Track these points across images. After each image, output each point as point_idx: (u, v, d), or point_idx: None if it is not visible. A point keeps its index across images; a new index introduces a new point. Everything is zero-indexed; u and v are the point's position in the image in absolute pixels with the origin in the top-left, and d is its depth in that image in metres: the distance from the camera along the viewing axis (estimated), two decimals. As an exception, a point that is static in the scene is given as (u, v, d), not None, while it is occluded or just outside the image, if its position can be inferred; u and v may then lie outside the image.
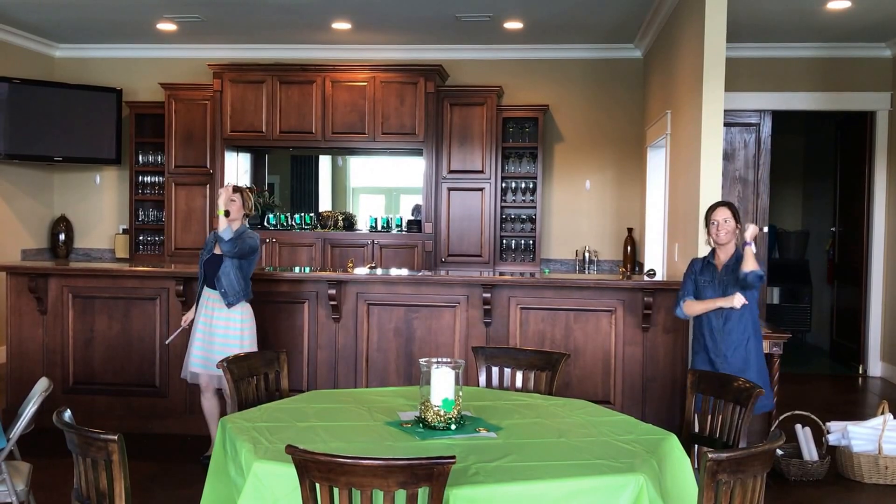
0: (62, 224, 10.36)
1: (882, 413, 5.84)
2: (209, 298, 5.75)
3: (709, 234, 5.13)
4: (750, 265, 4.87)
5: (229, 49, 10.12)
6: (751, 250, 4.89)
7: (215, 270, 5.68)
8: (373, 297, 6.60)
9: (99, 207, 10.52)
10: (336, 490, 2.66)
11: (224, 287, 5.65)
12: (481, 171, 9.52)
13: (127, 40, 10.03)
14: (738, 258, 5.04)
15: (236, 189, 5.81)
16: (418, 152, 9.55)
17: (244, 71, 9.58)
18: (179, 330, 6.16)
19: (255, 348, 5.72)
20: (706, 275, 5.11)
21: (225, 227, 5.60)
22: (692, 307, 5.11)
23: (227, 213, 5.63)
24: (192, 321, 5.88)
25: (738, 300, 4.92)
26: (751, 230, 4.93)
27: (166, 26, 9.20)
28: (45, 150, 9.67)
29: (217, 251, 5.74)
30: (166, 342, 6.45)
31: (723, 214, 5.07)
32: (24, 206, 9.95)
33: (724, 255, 5.11)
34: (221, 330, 5.69)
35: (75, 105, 9.80)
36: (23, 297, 6.77)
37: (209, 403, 5.82)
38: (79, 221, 10.51)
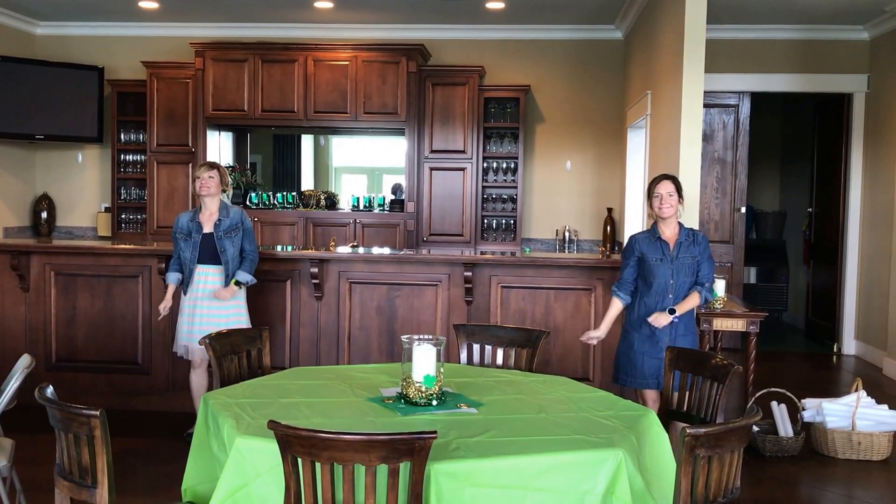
0: (44, 202, 10.32)
1: (856, 390, 5.91)
2: (209, 274, 5.77)
3: (651, 207, 5.05)
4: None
5: (211, 27, 10.06)
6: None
7: (213, 247, 5.74)
8: (355, 276, 6.62)
9: (81, 185, 10.48)
10: (318, 465, 2.67)
11: (231, 270, 5.75)
12: (463, 151, 9.55)
13: (108, 18, 9.96)
14: (688, 235, 5.01)
15: (213, 165, 5.88)
16: (400, 132, 9.55)
17: (226, 49, 9.53)
18: (162, 316, 6.04)
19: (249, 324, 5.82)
20: (655, 251, 4.98)
21: (238, 289, 5.81)
22: (613, 309, 5.15)
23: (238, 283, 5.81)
24: (185, 297, 5.84)
25: (661, 319, 4.97)
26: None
27: (148, 4, 9.13)
28: (26, 127, 9.61)
29: (207, 230, 5.76)
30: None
31: (667, 188, 4.99)
32: (6, 184, 9.90)
33: (668, 231, 5.01)
34: (231, 304, 5.80)
35: (57, 83, 9.74)
36: (5, 275, 6.76)
37: (198, 380, 5.82)
38: (61, 199, 10.47)
